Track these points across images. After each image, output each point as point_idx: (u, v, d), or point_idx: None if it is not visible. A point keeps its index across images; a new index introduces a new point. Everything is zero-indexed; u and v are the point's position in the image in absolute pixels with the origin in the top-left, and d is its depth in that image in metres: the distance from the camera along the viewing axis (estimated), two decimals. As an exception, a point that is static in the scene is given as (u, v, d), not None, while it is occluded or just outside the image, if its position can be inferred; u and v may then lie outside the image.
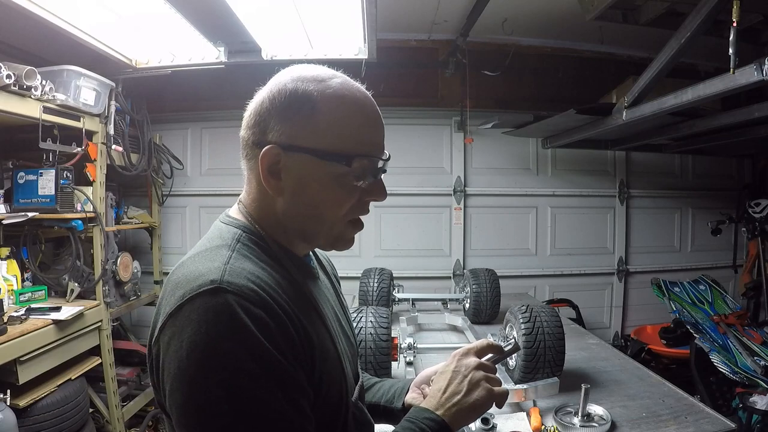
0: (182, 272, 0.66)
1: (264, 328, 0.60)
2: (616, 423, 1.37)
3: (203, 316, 0.59)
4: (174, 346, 0.59)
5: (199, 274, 0.63)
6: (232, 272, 0.63)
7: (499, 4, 2.83)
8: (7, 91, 2.04)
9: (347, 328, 0.87)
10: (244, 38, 2.39)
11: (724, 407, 2.59)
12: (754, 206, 3.41)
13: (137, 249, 3.58)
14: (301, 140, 0.69)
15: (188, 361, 0.58)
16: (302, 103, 0.69)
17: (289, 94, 0.70)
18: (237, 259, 0.67)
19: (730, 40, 1.59)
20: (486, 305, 2.44)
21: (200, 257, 0.68)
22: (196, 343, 0.58)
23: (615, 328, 3.89)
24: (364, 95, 0.73)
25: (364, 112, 0.72)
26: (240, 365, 0.58)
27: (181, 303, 0.60)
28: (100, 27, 2.16)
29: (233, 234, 0.72)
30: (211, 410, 0.57)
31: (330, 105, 0.70)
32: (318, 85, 0.70)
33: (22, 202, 2.41)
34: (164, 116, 3.49)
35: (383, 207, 3.61)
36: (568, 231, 3.84)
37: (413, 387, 0.93)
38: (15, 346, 2.01)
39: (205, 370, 0.58)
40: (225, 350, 0.58)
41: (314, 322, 0.71)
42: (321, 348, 0.69)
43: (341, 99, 0.71)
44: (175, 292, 0.63)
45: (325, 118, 0.69)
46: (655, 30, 2.33)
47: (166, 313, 0.62)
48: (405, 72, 3.58)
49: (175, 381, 0.59)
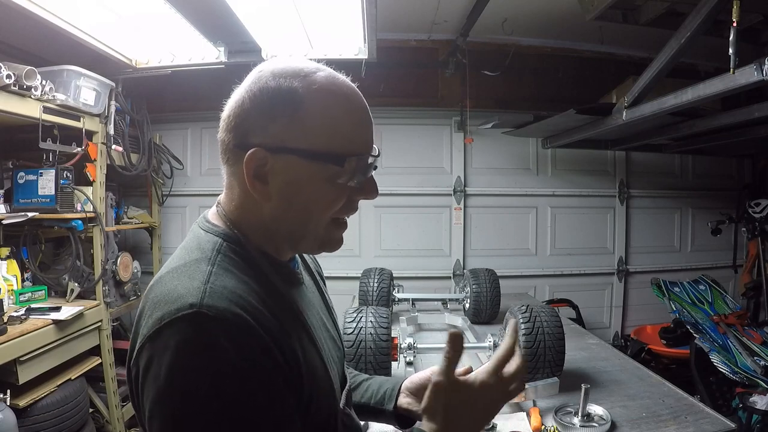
0: (160, 290, 0.62)
1: (247, 354, 0.57)
2: (616, 423, 1.37)
3: (181, 343, 0.56)
4: (152, 372, 0.57)
5: (178, 296, 0.59)
6: (212, 294, 0.59)
7: (499, 4, 2.83)
8: (7, 91, 2.04)
9: (333, 331, 0.84)
10: (244, 38, 2.39)
11: (724, 407, 2.59)
12: (754, 206, 3.41)
13: (137, 249, 3.58)
14: (288, 141, 0.64)
15: (167, 389, 0.56)
16: (287, 102, 0.64)
17: (271, 92, 0.65)
18: (218, 276, 0.62)
19: (730, 40, 1.59)
20: (486, 305, 2.44)
21: (179, 273, 0.63)
22: (175, 369, 0.55)
23: (615, 328, 3.89)
24: (351, 89, 0.69)
25: (352, 108, 0.68)
26: (221, 394, 0.55)
27: (159, 327, 0.57)
28: (100, 27, 2.16)
29: (213, 244, 0.68)
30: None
31: (317, 102, 0.65)
32: (303, 81, 0.65)
33: (22, 202, 2.41)
34: (164, 116, 3.49)
35: (383, 207, 3.62)
36: (568, 231, 3.84)
37: (405, 391, 0.90)
38: (15, 346, 2.01)
39: (186, 399, 0.55)
40: (204, 379, 0.55)
41: (301, 337, 0.68)
42: (308, 365, 0.66)
43: (329, 95, 0.66)
44: (154, 313, 0.59)
45: (313, 116, 0.65)
46: (655, 30, 2.33)
47: (144, 336, 0.59)
48: (405, 72, 3.58)
49: (154, 407, 0.57)
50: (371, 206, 3.59)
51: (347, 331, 1.59)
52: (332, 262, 3.22)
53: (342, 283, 3.22)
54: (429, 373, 0.89)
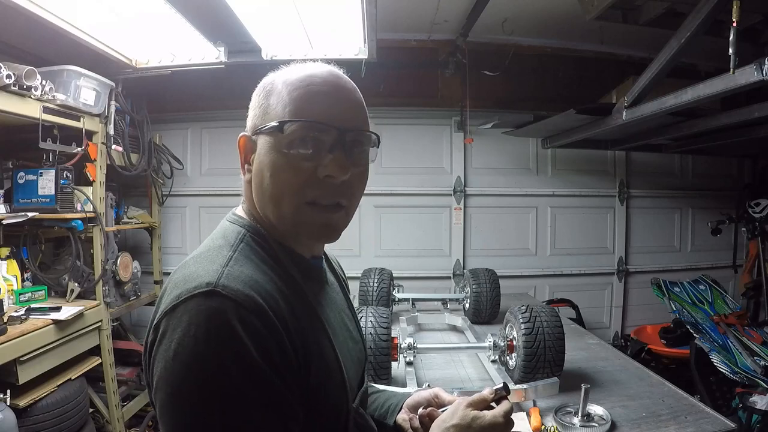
0: (182, 273, 0.65)
1: (255, 337, 0.58)
2: (616, 423, 1.37)
3: (194, 319, 0.58)
4: (164, 346, 0.59)
5: (197, 276, 0.62)
6: (229, 276, 0.62)
7: (499, 4, 2.83)
8: (7, 91, 2.04)
9: (356, 333, 0.86)
10: (244, 38, 2.39)
11: (724, 407, 2.59)
12: (754, 206, 3.41)
13: (137, 249, 3.57)
14: (259, 123, 0.72)
15: (173, 362, 0.58)
16: (266, 91, 0.73)
17: (259, 87, 0.75)
18: (237, 261, 0.66)
19: (730, 40, 1.58)
20: (486, 305, 2.44)
21: (202, 258, 0.67)
22: (183, 345, 0.57)
23: (615, 328, 3.89)
24: (322, 69, 0.73)
25: (312, 81, 0.71)
26: (225, 373, 0.57)
27: (175, 303, 0.60)
28: (100, 27, 2.16)
29: (237, 233, 0.72)
30: (189, 416, 0.57)
31: (282, 85, 0.71)
32: (283, 74, 0.73)
33: (22, 202, 2.42)
34: (164, 116, 3.48)
35: (383, 207, 3.62)
36: (568, 231, 3.84)
37: (406, 407, 0.92)
38: (15, 346, 2.01)
39: (189, 374, 0.57)
40: (211, 356, 0.57)
41: (315, 329, 0.70)
42: (320, 356, 0.68)
43: (292, 76, 0.72)
44: (173, 292, 0.62)
45: (277, 97, 0.71)
46: (655, 30, 2.33)
47: (161, 311, 0.62)
48: (405, 72, 3.57)
49: (159, 380, 0.59)
50: (371, 206, 3.60)
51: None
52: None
53: (342, 283, 3.22)
54: (429, 394, 0.92)
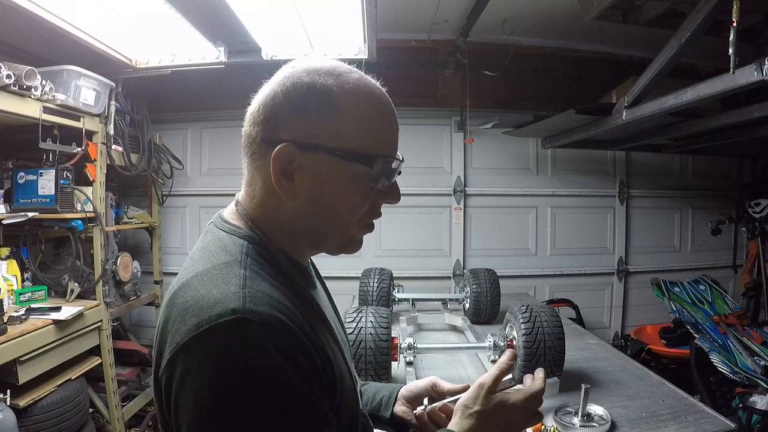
0: (191, 295, 0.58)
1: (295, 363, 0.55)
2: (616, 423, 1.37)
3: (229, 352, 0.53)
4: (191, 383, 0.53)
5: (216, 301, 0.56)
6: (253, 298, 0.56)
7: (499, 4, 2.83)
8: (7, 91, 2.04)
9: (342, 333, 0.85)
10: (244, 38, 2.39)
11: (724, 407, 2.59)
12: (754, 206, 3.41)
13: (137, 249, 3.57)
14: (319, 138, 0.63)
15: (213, 401, 0.52)
16: (321, 99, 0.63)
17: (306, 88, 0.64)
18: (253, 281, 0.59)
19: (730, 40, 1.58)
20: (486, 305, 2.44)
21: (209, 277, 0.60)
22: (222, 384, 0.52)
23: (615, 328, 3.89)
24: (382, 92, 0.68)
25: (384, 111, 0.67)
26: (274, 408, 0.53)
27: (196, 334, 0.54)
28: (100, 27, 2.16)
29: (240, 246, 0.65)
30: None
31: (351, 101, 0.64)
32: (337, 80, 0.64)
33: (22, 202, 2.42)
34: (164, 116, 3.49)
35: (383, 207, 3.61)
36: (568, 231, 3.84)
37: (402, 399, 0.91)
38: (15, 346, 2.01)
39: (237, 412, 0.52)
40: (259, 391, 0.53)
41: (328, 340, 0.67)
42: (338, 367, 0.66)
43: (362, 96, 0.65)
44: (187, 319, 0.55)
45: (346, 115, 0.63)
46: (655, 30, 2.33)
47: (176, 343, 0.55)
48: (405, 72, 3.57)
49: (196, 420, 0.53)
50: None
51: (347, 331, 1.59)
52: (332, 262, 3.18)
53: (342, 283, 3.22)
54: (426, 383, 0.90)
